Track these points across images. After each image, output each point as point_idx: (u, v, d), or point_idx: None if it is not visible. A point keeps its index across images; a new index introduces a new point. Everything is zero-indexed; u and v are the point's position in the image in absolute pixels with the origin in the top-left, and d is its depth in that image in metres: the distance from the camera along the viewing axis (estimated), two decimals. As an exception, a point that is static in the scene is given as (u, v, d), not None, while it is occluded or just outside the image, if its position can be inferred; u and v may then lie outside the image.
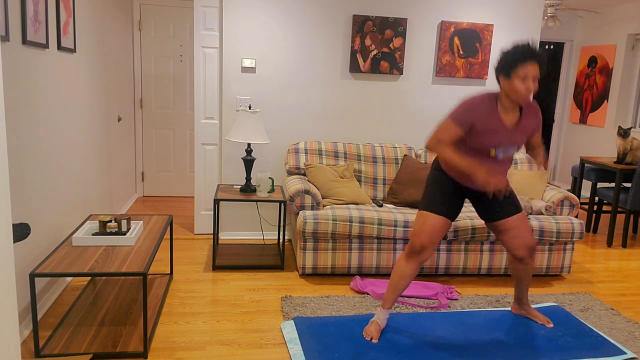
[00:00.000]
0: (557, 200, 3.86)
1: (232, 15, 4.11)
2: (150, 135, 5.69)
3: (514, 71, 2.49)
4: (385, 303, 2.85)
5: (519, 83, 2.50)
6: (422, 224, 2.76)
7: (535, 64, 2.49)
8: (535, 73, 2.50)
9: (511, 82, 2.52)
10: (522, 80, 2.49)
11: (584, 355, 2.74)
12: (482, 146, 2.64)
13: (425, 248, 2.75)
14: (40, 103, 2.82)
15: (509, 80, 2.53)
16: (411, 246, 2.77)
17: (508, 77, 2.53)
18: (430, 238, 2.74)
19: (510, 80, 2.52)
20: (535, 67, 2.49)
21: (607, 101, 6.70)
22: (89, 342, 2.61)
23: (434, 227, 2.74)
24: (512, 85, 2.52)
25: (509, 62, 2.51)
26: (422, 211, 2.79)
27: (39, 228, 2.84)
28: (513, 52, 2.51)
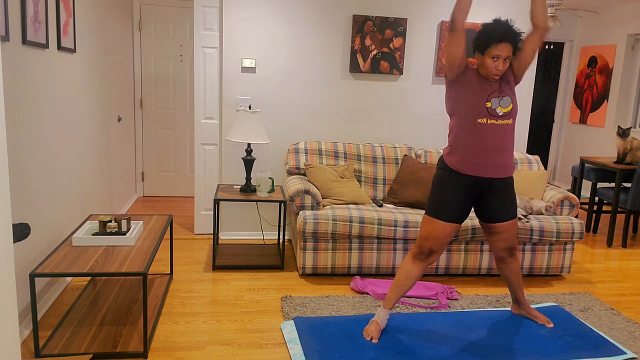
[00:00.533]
0: (557, 200, 3.86)
1: (232, 15, 4.11)
2: (150, 135, 5.69)
3: (487, 50, 2.61)
4: (387, 303, 2.85)
5: (490, 62, 2.61)
6: (431, 229, 2.75)
7: (509, 45, 2.59)
8: (507, 53, 2.60)
9: (483, 58, 2.64)
10: (493, 59, 2.60)
11: (584, 355, 2.74)
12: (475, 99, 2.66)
13: (434, 252, 2.76)
14: (40, 103, 2.82)
15: (482, 56, 2.65)
16: (420, 249, 2.76)
17: (482, 54, 2.65)
18: (439, 243, 2.75)
19: (483, 57, 2.64)
20: (508, 48, 2.59)
21: (607, 101, 6.70)
22: (89, 342, 2.61)
23: (444, 234, 2.74)
24: (484, 62, 2.64)
25: (484, 40, 2.61)
26: (431, 217, 2.77)
27: (39, 228, 2.84)
28: (489, 31, 2.59)
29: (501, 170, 2.75)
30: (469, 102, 2.67)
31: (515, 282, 3.03)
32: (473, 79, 2.70)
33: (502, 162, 2.73)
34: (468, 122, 2.68)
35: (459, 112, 2.72)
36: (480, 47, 2.65)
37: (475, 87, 2.68)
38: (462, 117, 2.70)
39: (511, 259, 2.95)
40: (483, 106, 2.66)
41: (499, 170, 2.74)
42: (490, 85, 2.70)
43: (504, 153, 2.73)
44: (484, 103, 2.66)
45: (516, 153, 4.39)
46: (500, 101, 2.68)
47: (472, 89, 2.68)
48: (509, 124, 2.71)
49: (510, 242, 2.91)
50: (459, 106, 2.71)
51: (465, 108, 2.68)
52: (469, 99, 2.67)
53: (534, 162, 4.33)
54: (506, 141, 2.72)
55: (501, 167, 2.74)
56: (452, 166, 2.76)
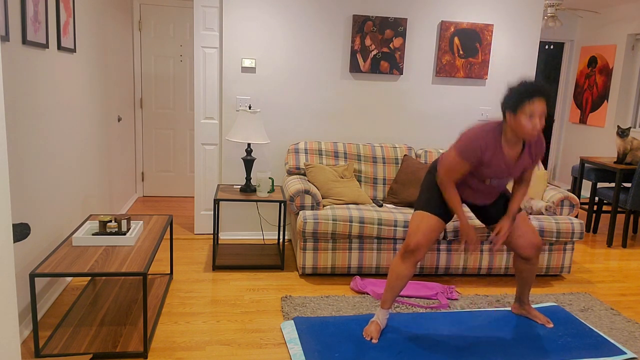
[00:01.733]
0: (557, 200, 3.86)
1: (232, 15, 4.11)
2: (150, 135, 5.69)
3: (521, 108, 2.45)
4: (384, 303, 2.85)
5: (526, 120, 2.46)
6: (417, 223, 2.78)
7: (543, 101, 2.44)
8: (542, 110, 2.45)
9: (517, 118, 2.48)
10: (529, 117, 2.45)
11: (584, 355, 2.74)
12: (479, 175, 2.68)
13: (420, 247, 2.75)
14: (40, 103, 2.82)
15: (515, 116, 2.48)
16: (406, 245, 2.78)
17: (514, 113, 2.48)
18: (425, 237, 2.75)
19: (517, 116, 2.48)
20: (543, 104, 2.45)
21: (607, 101, 6.70)
22: (89, 342, 2.61)
23: (429, 227, 2.76)
24: (519, 122, 2.48)
25: (516, 98, 2.46)
26: (417, 211, 2.82)
27: (39, 228, 2.84)
28: (519, 88, 2.46)
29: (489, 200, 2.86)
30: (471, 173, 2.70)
31: (529, 282, 3.04)
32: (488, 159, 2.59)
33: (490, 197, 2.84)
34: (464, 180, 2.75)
35: None
36: (512, 106, 2.48)
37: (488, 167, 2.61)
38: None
39: (537, 259, 2.93)
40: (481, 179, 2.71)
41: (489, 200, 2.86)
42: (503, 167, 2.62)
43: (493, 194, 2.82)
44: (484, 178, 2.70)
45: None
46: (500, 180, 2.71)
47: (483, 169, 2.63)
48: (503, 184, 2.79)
49: (531, 238, 2.86)
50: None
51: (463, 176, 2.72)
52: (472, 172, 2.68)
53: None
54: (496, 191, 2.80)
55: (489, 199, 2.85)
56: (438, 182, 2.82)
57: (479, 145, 2.55)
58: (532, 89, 2.44)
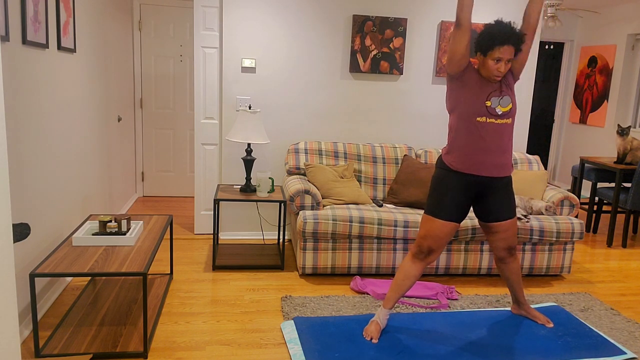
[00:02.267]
0: (557, 200, 3.86)
1: (232, 15, 4.11)
2: (150, 135, 5.69)
3: (490, 52, 2.60)
4: (387, 303, 2.84)
5: (492, 64, 2.61)
6: (430, 228, 2.75)
7: (511, 47, 2.58)
8: (510, 56, 2.60)
9: (485, 60, 2.63)
10: (495, 61, 2.60)
11: (584, 355, 2.74)
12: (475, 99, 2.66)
13: (433, 251, 2.76)
14: (40, 103, 2.82)
15: (484, 58, 2.64)
16: (419, 248, 2.76)
17: (484, 56, 2.64)
18: (439, 242, 2.74)
19: (485, 58, 2.64)
20: (511, 50, 2.58)
21: (607, 101, 6.70)
22: (89, 342, 2.61)
23: (443, 232, 2.74)
24: (486, 64, 2.64)
25: (486, 42, 2.60)
26: (430, 216, 2.77)
27: (39, 228, 2.84)
28: (491, 33, 2.58)
29: (500, 170, 2.75)
30: (469, 100, 2.68)
31: (515, 282, 3.03)
32: (474, 78, 2.70)
33: (500, 162, 2.74)
34: (467, 120, 2.69)
35: (458, 110, 2.72)
36: (482, 48, 2.64)
37: (476, 86, 2.68)
38: (462, 115, 2.71)
39: (511, 259, 2.96)
40: (483, 105, 2.66)
41: (497, 170, 2.74)
42: (490, 85, 2.70)
43: (502, 152, 2.74)
44: (483, 102, 2.67)
45: (516, 153, 4.39)
46: (500, 100, 2.69)
47: (473, 87, 2.68)
48: (508, 124, 2.72)
49: (510, 242, 2.91)
50: (458, 104, 2.72)
51: (465, 106, 2.69)
52: (469, 97, 2.68)
53: (534, 162, 4.33)
54: (505, 141, 2.73)
55: (500, 167, 2.75)
56: (451, 165, 2.76)
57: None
58: (503, 35, 2.55)
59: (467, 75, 2.69)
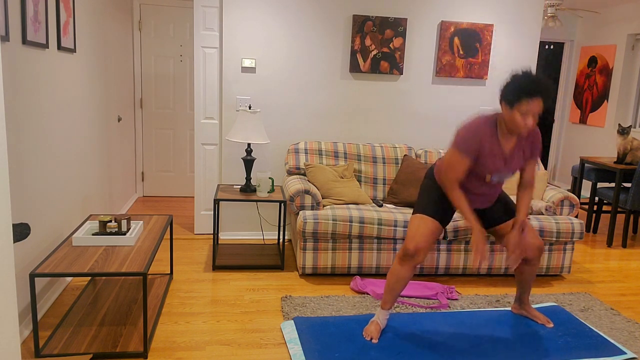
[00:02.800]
0: (557, 200, 3.86)
1: (232, 15, 4.11)
2: (150, 135, 5.69)
3: (517, 104, 2.44)
4: (385, 304, 2.85)
5: (519, 117, 2.46)
6: (416, 227, 2.76)
7: (540, 101, 2.43)
8: (538, 109, 2.45)
9: (512, 113, 2.47)
10: (524, 114, 2.45)
11: (584, 355, 2.74)
12: (479, 171, 2.66)
13: (419, 251, 2.73)
14: (40, 103, 2.82)
15: (510, 110, 2.48)
16: (405, 249, 2.76)
17: (510, 108, 2.48)
18: (425, 241, 2.74)
19: (512, 111, 2.47)
20: (540, 104, 2.43)
21: (607, 101, 6.70)
22: (89, 342, 2.61)
23: (428, 230, 2.74)
24: (513, 117, 2.48)
25: (515, 94, 2.44)
26: (415, 214, 2.81)
27: (39, 228, 2.84)
28: (520, 84, 2.43)
29: (489, 203, 2.85)
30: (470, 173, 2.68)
31: (529, 282, 3.04)
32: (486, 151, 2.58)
33: (489, 200, 2.83)
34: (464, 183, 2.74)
35: None
36: (509, 100, 2.47)
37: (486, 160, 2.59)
38: None
39: (537, 261, 2.93)
40: (482, 177, 2.68)
41: (485, 204, 2.85)
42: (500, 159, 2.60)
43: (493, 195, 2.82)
44: (484, 175, 2.67)
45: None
46: (499, 177, 2.69)
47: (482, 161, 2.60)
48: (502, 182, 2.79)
49: (532, 240, 2.85)
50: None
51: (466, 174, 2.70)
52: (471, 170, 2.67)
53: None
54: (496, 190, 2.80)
55: (489, 201, 2.84)
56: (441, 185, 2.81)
57: (477, 136, 2.54)
58: (532, 87, 2.40)
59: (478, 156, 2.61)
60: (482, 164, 2.61)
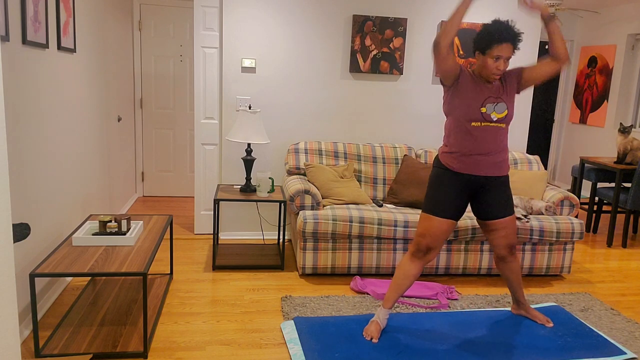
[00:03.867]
0: (557, 200, 3.86)
1: (232, 15, 4.11)
2: (150, 135, 5.69)
3: (489, 50, 2.61)
4: (387, 303, 2.85)
5: (492, 62, 2.62)
6: (428, 226, 2.76)
7: (510, 45, 2.60)
8: (509, 54, 2.61)
9: (484, 59, 2.65)
10: (495, 59, 2.61)
11: (584, 355, 2.74)
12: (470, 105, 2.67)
13: (431, 249, 2.77)
14: (40, 103, 2.82)
15: (483, 57, 2.66)
16: (417, 247, 2.77)
17: (483, 54, 2.65)
18: (437, 240, 2.76)
19: (484, 57, 2.65)
20: (510, 48, 2.60)
21: (607, 101, 6.70)
22: (89, 342, 2.61)
23: (441, 230, 2.76)
24: (485, 62, 2.65)
25: (486, 40, 2.61)
26: (427, 214, 2.79)
27: (39, 228, 2.84)
28: (490, 31, 2.59)
29: (495, 169, 2.79)
30: (464, 107, 2.70)
31: (515, 281, 3.04)
32: (469, 83, 2.71)
33: (496, 161, 2.78)
34: (462, 124, 2.72)
35: (454, 114, 2.75)
36: (481, 47, 2.65)
37: (471, 91, 2.69)
38: (457, 119, 2.74)
39: (511, 258, 2.96)
40: (478, 111, 2.69)
41: (493, 169, 2.78)
42: (487, 89, 2.71)
43: (497, 153, 2.77)
44: (478, 108, 2.69)
45: (516, 153, 4.39)
46: (495, 107, 2.71)
47: (468, 93, 2.69)
48: (503, 127, 2.76)
49: (510, 240, 2.91)
50: (454, 109, 2.74)
51: (460, 111, 2.71)
52: (464, 104, 2.70)
53: (534, 162, 4.33)
54: (499, 142, 2.77)
55: (496, 166, 2.78)
56: (448, 165, 2.79)
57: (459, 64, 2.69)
58: (502, 34, 2.56)
59: (461, 81, 2.71)
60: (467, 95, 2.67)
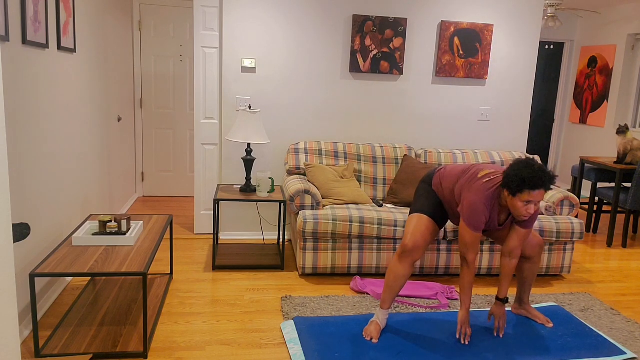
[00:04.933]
0: (557, 200, 3.86)
1: (232, 15, 4.11)
2: (150, 135, 5.69)
3: (520, 193, 2.49)
4: (384, 303, 2.85)
5: (521, 205, 2.51)
6: (413, 225, 2.83)
7: (543, 192, 2.48)
8: (541, 198, 2.50)
9: (514, 200, 2.52)
10: (525, 203, 2.50)
11: (584, 355, 2.74)
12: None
13: (416, 247, 2.78)
14: (40, 103, 2.82)
15: (512, 197, 2.53)
16: (403, 246, 2.80)
17: (512, 196, 2.52)
18: (422, 237, 2.79)
19: (514, 199, 2.52)
20: (542, 194, 2.49)
21: (607, 101, 6.70)
22: (89, 342, 2.61)
23: (426, 227, 2.81)
24: (514, 204, 2.53)
25: (518, 184, 2.47)
26: (413, 214, 2.89)
27: (39, 228, 2.84)
28: (523, 176, 2.45)
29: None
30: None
31: (530, 281, 3.07)
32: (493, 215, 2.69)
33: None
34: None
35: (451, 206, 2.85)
36: (512, 188, 2.50)
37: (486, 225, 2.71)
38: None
39: (539, 258, 2.98)
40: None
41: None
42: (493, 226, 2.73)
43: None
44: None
45: (516, 153, 4.39)
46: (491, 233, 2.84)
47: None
48: None
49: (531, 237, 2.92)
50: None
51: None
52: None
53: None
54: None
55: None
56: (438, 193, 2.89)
57: (486, 212, 2.62)
58: (536, 180, 2.44)
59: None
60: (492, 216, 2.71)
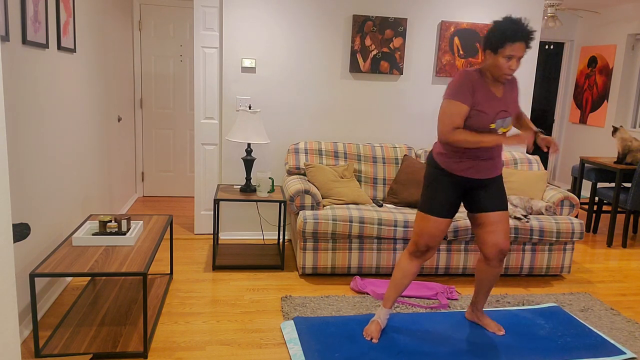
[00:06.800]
0: (557, 200, 3.86)
1: (232, 15, 4.11)
2: (150, 135, 5.69)
3: (501, 49, 2.49)
4: (387, 302, 2.85)
5: (504, 61, 2.51)
6: (426, 226, 2.73)
7: (523, 45, 2.49)
8: (522, 53, 2.50)
9: (496, 58, 2.53)
10: (507, 59, 2.50)
11: (584, 355, 2.74)
12: (481, 120, 2.59)
13: (430, 248, 2.75)
14: (40, 103, 2.82)
15: (494, 56, 2.53)
16: (416, 246, 2.76)
17: (494, 53, 2.53)
18: (434, 239, 2.73)
19: (496, 56, 2.52)
20: (522, 47, 2.49)
21: (607, 101, 6.70)
22: (89, 342, 2.61)
23: (438, 229, 2.72)
24: (497, 62, 2.53)
25: (498, 39, 2.48)
26: (424, 214, 2.74)
27: (39, 228, 2.84)
28: (504, 30, 2.47)
29: (490, 172, 2.74)
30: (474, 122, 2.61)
31: (488, 287, 2.92)
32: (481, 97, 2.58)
33: (492, 165, 2.74)
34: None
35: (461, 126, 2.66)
36: (492, 46, 2.52)
37: (484, 105, 2.58)
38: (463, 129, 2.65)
39: (498, 264, 2.80)
40: (487, 127, 2.62)
41: (488, 172, 2.73)
42: (497, 102, 2.61)
43: (494, 157, 2.74)
44: (488, 124, 2.61)
45: (516, 153, 4.39)
46: (503, 122, 2.66)
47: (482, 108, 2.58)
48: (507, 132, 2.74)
49: (499, 240, 2.74)
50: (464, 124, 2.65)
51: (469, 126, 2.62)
52: (475, 121, 2.60)
53: (534, 162, 4.33)
54: (498, 148, 2.74)
55: (491, 169, 2.74)
56: (444, 165, 2.71)
57: (469, 82, 2.57)
58: (515, 32, 2.45)
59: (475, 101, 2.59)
60: (482, 111, 2.58)
